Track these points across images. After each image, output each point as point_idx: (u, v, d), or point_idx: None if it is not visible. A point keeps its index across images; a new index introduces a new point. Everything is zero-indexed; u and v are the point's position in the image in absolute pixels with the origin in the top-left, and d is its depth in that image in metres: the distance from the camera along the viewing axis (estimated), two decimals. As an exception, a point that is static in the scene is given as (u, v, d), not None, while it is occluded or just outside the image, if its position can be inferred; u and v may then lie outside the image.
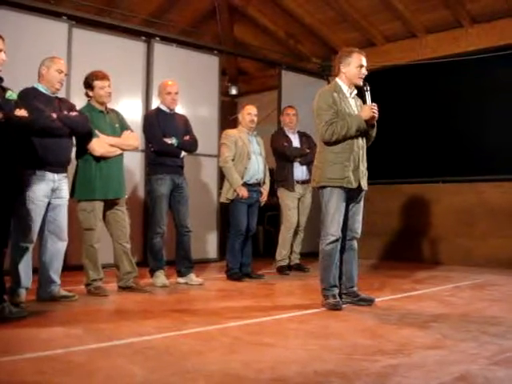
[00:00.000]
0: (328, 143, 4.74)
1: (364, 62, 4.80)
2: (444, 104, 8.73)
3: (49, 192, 4.74)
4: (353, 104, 4.87)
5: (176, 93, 6.09)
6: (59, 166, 4.83)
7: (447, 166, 8.62)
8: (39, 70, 4.85)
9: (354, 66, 4.78)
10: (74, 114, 4.95)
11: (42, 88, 4.82)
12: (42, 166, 4.68)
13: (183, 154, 6.06)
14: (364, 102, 4.85)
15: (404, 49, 9.22)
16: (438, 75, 8.77)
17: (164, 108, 6.13)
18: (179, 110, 6.60)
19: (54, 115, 4.72)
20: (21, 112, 4.30)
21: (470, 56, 8.22)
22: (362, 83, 4.81)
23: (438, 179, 8.69)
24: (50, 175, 4.74)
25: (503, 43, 8.01)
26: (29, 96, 4.67)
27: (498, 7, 8.01)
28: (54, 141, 4.72)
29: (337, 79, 4.90)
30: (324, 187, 4.77)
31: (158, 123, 6.01)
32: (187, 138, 6.13)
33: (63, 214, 4.92)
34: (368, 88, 4.79)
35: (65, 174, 4.94)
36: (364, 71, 4.80)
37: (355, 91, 4.92)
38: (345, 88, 4.85)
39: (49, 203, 4.77)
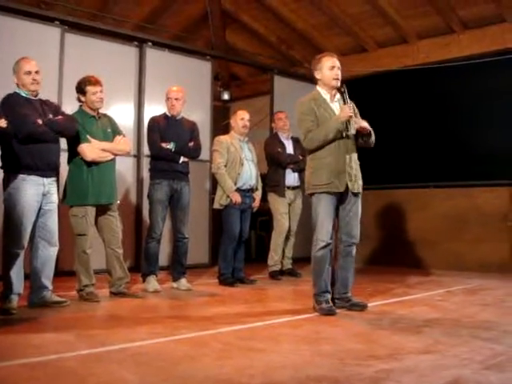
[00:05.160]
0: (311, 151, 4.80)
1: (335, 62, 4.82)
2: (436, 109, 8.77)
3: (39, 196, 4.72)
4: (335, 108, 4.86)
5: (176, 99, 6.05)
6: (48, 170, 4.80)
7: (439, 171, 8.65)
8: (13, 78, 4.78)
9: (325, 69, 4.81)
10: (59, 117, 4.90)
11: (23, 93, 4.76)
12: (31, 170, 4.65)
13: (183, 159, 6.04)
14: (344, 103, 4.84)
15: (396, 54, 9.26)
16: (430, 81, 8.81)
17: (168, 113, 6.15)
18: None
19: (39, 121, 4.68)
20: (0, 122, 4.27)
21: (461, 62, 8.26)
22: (338, 84, 4.80)
23: (429, 184, 8.72)
24: (39, 179, 4.72)
25: (494, 49, 8.07)
26: (11, 103, 4.64)
27: (490, 13, 8.06)
28: (41, 146, 4.70)
29: (317, 87, 4.94)
30: (312, 194, 4.78)
31: (157, 128, 6.01)
32: (191, 144, 6.13)
33: (53, 219, 4.90)
34: (345, 89, 4.77)
35: (54, 179, 4.91)
36: (337, 72, 4.80)
37: (338, 95, 4.91)
38: (324, 94, 4.87)
39: (39, 208, 4.75)
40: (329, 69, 4.79)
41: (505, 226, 7.81)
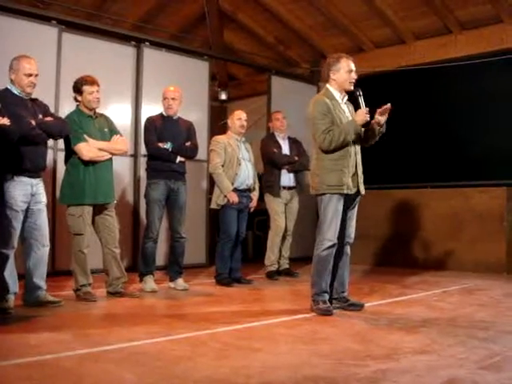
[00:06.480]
0: (326, 151, 4.72)
1: (353, 66, 4.80)
2: (433, 110, 8.78)
3: (28, 197, 4.70)
4: (346, 110, 4.88)
5: (173, 98, 6.05)
6: (36, 171, 4.79)
7: (436, 172, 8.66)
8: (9, 73, 4.73)
9: (343, 72, 4.77)
10: (48, 118, 4.87)
11: (15, 90, 4.73)
12: (19, 171, 4.63)
13: (179, 159, 6.04)
14: (357, 106, 4.82)
15: (393, 55, 9.27)
16: (427, 81, 8.82)
17: (164, 113, 6.15)
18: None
19: (33, 122, 4.66)
20: (3, 121, 4.27)
21: (458, 62, 8.26)
22: (353, 88, 4.82)
23: (426, 184, 8.73)
24: (28, 180, 4.70)
25: (491, 49, 8.07)
26: (4, 101, 4.59)
27: (486, 14, 8.07)
28: (32, 148, 4.67)
29: (328, 86, 4.89)
30: (323, 194, 4.74)
31: (153, 128, 6.02)
32: (188, 143, 6.13)
33: (43, 219, 4.88)
34: (361, 93, 4.76)
35: (41, 179, 4.90)
36: (354, 76, 4.80)
37: (346, 97, 4.92)
38: (336, 94, 4.84)
39: (28, 209, 4.73)
40: (347, 71, 4.76)
41: (501, 227, 7.82)
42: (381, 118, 4.80)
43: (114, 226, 5.46)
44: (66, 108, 5.60)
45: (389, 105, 4.76)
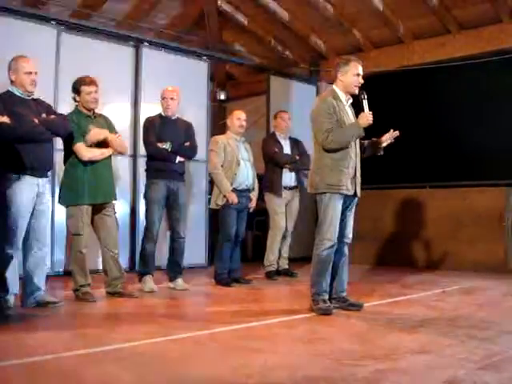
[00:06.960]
0: (327, 150, 4.75)
1: (361, 70, 4.84)
2: (431, 110, 8.77)
3: (34, 197, 4.70)
4: (349, 112, 4.91)
5: (171, 98, 6.04)
6: (42, 170, 4.78)
7: (435, 172, 8.66)
8: (9, 75, 4.74)
9: (351, 75, 4.81)
10: (52, 116, 4.88)
11: (17, 91, 4.73)
12: (26, 170, 4.63)
13: (179, 159, 6.04)
14: (360, 109, 4.84)
15: (391, 55, 9.26)
16: (426, 81, 8.82)
17: (163, 113, 6.15)
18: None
19: (36, 120, 4.66)
20: (3, 119, 4.27)
21: (457, 62, 8.26)
22: (357, 91, 4.84)
23: (425, 184, 8.73)
24: (34, 180, 4.70)
25: (490, 49, 8.07)
26: (6, 101, 4.60)
27: (485, 13, 8.07)
28: (37, 145, 4.67)
29: (334, 86, 4.93)
30: (323, 193, 4.76)
31: (153, 128, 6.01)
32: (187, 144, 6.13)
33: (45, 220, 4.89)
34: (365, 96, 4.80)
35: (48, 179, 4.90)
36: (360, 80, 4.84)
37: (351, 100, 4.94)
38: (342, 96, 4.88)
39: (33, 209, 4.72)
40: (354, 75, 4.81)
41: (500, 227, 7.82)
42: (389, 136, 4.97)
43: (113, 227, 5.45)
44: (65, 108, 5.59)
45: (397, 132, 4.96)
